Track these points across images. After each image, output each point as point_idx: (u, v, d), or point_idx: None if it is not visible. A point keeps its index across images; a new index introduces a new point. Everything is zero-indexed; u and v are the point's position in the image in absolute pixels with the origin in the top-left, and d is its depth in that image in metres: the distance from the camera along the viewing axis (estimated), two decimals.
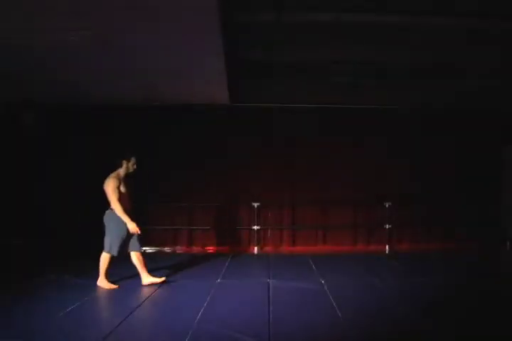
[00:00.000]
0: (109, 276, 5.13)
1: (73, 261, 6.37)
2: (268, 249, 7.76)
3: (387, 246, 7.67)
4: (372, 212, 7.88)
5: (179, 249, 7.69)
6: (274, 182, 7.79)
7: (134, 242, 5.09)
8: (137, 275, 5.57)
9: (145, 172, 7.52)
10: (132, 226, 4.93)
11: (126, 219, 4.89)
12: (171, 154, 7.67)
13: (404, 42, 5.45)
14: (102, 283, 5.05)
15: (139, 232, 5.02)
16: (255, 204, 7.64)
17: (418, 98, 7.39)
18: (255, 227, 7.68)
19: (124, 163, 5.09)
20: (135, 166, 5.17)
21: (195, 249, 7.65)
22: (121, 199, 4.91)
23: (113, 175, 5.02)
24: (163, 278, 5.24)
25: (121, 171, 5.09)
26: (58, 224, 7.38)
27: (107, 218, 5.02)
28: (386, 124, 7.84)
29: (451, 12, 4.80)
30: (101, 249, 5.03)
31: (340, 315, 4.06)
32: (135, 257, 5.14)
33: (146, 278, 5.16)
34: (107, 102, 7.29)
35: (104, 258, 5.03)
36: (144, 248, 7.54)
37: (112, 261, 5.05)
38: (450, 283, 5.21)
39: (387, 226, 7.69)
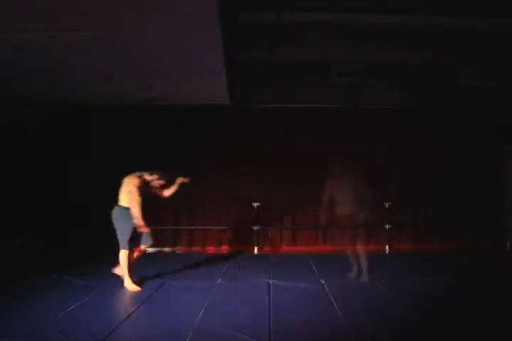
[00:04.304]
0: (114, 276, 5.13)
1: (73, 262, 6.37)
2: (268, 248, 7.75)
3: (387, 246, 7.67)
4: (372, 212, 7.85)
5: (179, 249, 7.69)
6: (274, 182, 7.78)
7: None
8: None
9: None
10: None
11: None
12: (170, 154, 7.66)
13: (404, 42, 5.44)
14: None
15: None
16: (255, 204, 7.64)
17: (418, 98, 7.38)
18: (255, 227, 7.68)
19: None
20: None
21: (195, 249, 7.64)
22: None
23: None
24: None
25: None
26: (58, 224, 7.38)
27: None
28: (386, 124, 7.84)
29: (451, 12, 4.81)
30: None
31: (340, 314, 4.06)
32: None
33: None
34: (106, 102, 7.29)
35: None
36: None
37: None
38: (450, 283, 5.21)
39: (387, 226, 7.69)
